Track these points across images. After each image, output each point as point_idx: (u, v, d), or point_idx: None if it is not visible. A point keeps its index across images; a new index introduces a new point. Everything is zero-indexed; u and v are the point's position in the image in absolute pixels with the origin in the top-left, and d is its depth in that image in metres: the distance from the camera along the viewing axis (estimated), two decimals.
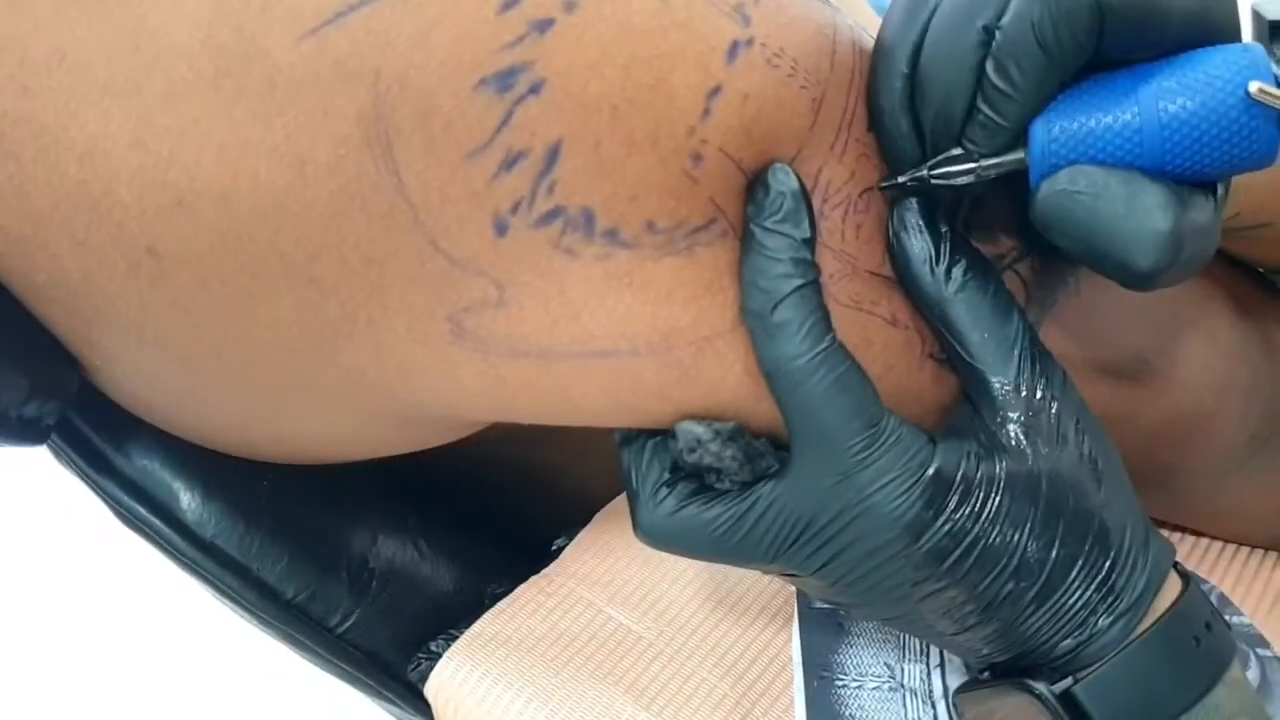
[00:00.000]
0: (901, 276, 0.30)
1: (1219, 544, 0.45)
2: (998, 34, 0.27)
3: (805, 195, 0.28)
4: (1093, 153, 0.27)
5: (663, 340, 0.28)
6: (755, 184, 0.28)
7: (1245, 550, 0.45)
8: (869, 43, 0.30)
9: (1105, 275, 0.28)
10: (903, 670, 0.39)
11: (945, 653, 0.39)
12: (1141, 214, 0.26)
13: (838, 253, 0.29)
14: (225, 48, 0.24)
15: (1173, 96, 0.27)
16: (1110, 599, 0.29)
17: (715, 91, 0.26)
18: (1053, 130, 0.28)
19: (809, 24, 0.28)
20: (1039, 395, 0.29)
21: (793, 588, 0.44)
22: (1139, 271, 0.27)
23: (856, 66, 0.29)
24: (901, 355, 0.30)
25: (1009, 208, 0.31)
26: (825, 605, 0.41)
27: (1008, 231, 0.32)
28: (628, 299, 0.28)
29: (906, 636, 0.40)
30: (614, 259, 0.27)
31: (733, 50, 0.26)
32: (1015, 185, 0.29)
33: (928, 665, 0.39)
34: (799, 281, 0.27)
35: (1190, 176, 0.27)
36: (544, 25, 0.25)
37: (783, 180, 0.27)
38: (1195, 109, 0.26)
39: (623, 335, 0.28)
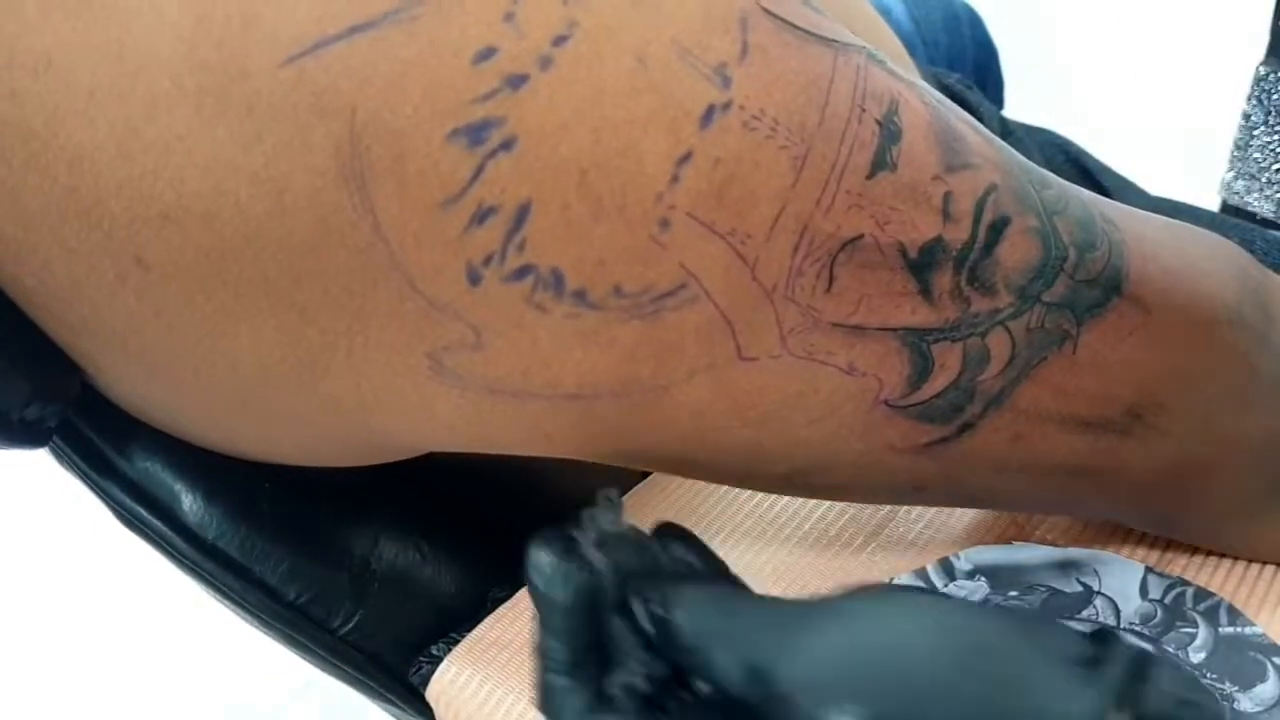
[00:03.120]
0: None
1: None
2: None
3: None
4: None
5: (623, 388, 0.29)
6: None
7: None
8: (880, 79, 0.29)
9: None
10: None
11: None
12: None
13: (804, 308, 0.29)
14: (206, 64, 0.24)
15: None
16: None
17: (685, 158, 0.26)
18: None
19: (799, 77, 0.27)
20: None
21: (793, 592, 0.44)
22: None
23: (855, 113, 0.28)
24: (850, 399, 0.30)
25: (1018, 262, 0.30)
26: None
27: (1010, 288, 0.31)
28: (594, 354, 0.28)
29: None
30: (582, 319, 0.27)
31: (708, 115, 0.26)
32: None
33: None
34: None
35: None
36: (518, 81, 0.24)
37: None
38: None
39: (589, 383, 0.28)
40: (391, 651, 0.44)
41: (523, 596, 0.45)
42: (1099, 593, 0.41)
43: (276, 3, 0.24)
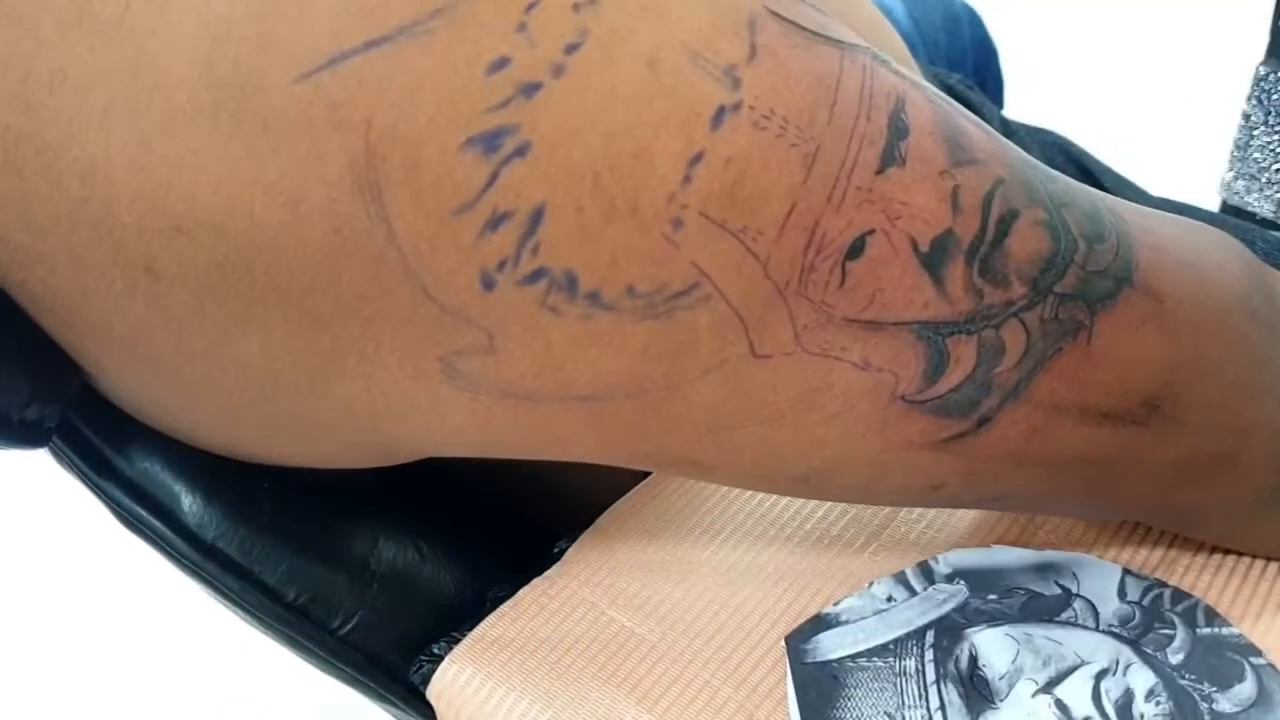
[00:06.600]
0: None
1: (1205, 552, 0.44)
2: None
3: None
4: None
5: (637, 388, 0.29)
6: None
7: (1232, 559, 0.44)
8: (885, 78, 0.29)
9: None
10: (904, 718, 0.39)
11: (946, 696, 0.39)
12: None
13: (816, 304, 0.29)
14: (222, 81, 0.24)
15: None
16: None
17: (697, 159, 0.26)
18: None
19: (807, 76, 0.28)
20: None
21: (795, 591, 0.44)
22: None
23: (863, 111, 0.28)
24: (866, 395, 0.30)
25: (1028, 254, 0.30)
26: (818, 660, 0.41)
27: (1022, 279, 0.31)
28: (607, 355, 0.28)
29: (904, 681, 0.40)
30: (595, 319, 0.27)
31: (718, 116, 0.26)
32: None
33: (928, 710, 0.39)
34: None
35: None
36: (531, 89, 0.25)
37: None
38: None
39: (602, 383, 0.29)
40: (391, 651, 0.44)
41: (523, 595, 0.45)
42: (1078, 595, 0.41)
43: (292, 21, 0.24)
